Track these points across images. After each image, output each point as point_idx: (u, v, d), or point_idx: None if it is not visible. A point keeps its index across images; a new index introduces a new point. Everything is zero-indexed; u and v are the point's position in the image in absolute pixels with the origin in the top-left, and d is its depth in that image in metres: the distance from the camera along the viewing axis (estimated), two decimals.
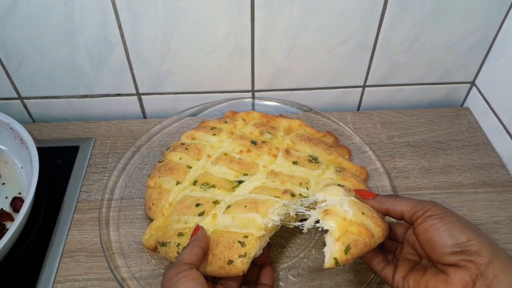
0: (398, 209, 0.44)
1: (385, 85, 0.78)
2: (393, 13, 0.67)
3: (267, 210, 0.48)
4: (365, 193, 0.47)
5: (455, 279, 0.38)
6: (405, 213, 0.43)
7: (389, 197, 0.45)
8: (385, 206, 0.45)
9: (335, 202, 0.46)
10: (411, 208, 0.42)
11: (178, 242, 0.50)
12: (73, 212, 0.61)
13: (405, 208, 0.43)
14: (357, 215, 0.44)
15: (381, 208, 0.45)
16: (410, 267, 0.44)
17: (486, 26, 0.70)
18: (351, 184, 0.56)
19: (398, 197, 0.45)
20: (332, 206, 0.45)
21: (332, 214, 0.44)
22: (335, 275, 0.53)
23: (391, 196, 0.45)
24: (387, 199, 0.45)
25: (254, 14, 0.65)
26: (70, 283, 0.53)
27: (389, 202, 0.45)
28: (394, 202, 0.44)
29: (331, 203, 0.46)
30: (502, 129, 0.71)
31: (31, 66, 0.70)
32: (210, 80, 0.75)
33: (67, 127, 0.75)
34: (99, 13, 0.64)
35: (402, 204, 0.43)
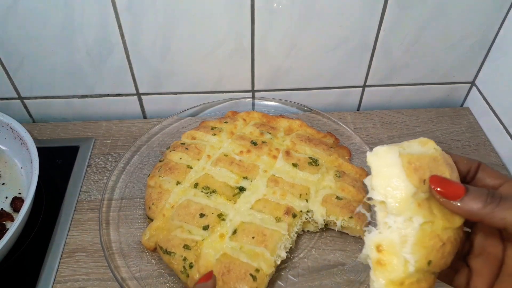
0: (501, 223, 0.28)
1: (385, 85, 0.78)
2: (393, 13, 0.67)
3: (275, 245, 0.51)
4: (449, 189, 0.29)
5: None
6: (511, 226, 0.28)
7: (488, 198, 0.28)
8: (479, 215, 0.28)
9: (393, 236, 0.30)
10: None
11: (184, 256, 0.51)
12: (73, 212, 0.61)
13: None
14: (421, 267, 0.29)
15: (471, 217, 0.29)
16: (492, 272, 0.32)
17: (486, 26, 0.70)
18: (349, 194, 0.57)
19: (501, 201, 0.28)
20: (388, 243, 0.30)
21: (385, 265, 0.30)
22: (335, 275, 0.53)
23: (490, 198, 0.28)
24: (484, 204, 0.28)
25: (254, 14, 0.65)
26: (70, 283, 0.53)
27: (487, 210, 0.28)
28: (496, 212, 0.28)
29: (388, 236, 0.30)
30: (502, 129, 0.71)
31: (31, 66, 0.70)
32: (210, 80, 0.75)
33: (67, 127, 0.75)
34: (99, 14, 0.64)
35: (509, 215, 0.28)
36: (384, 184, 0.29)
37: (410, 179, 0.29)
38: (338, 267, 0.54)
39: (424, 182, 0.30)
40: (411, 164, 0.30)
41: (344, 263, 0.54)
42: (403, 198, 0.29)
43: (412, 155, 0.30)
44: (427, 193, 0.30)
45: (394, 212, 0.29)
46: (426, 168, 0.30)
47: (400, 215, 0.29)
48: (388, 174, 0.30)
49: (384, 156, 0.30)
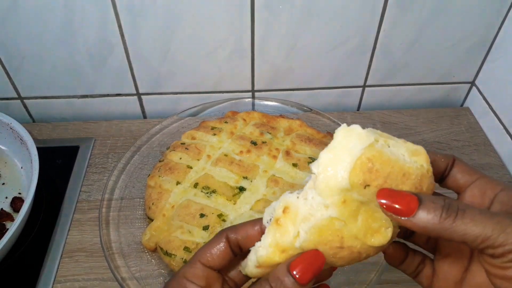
0: (459, 238, 0.25)
1: (385, 85, 0.78)
2: (393, 13, 0.67)
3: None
4: (398, 205, 0.26)
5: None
6: (471, 243, 0.25)
7: (443, 212, 0.25)
8: (435, 231, 0.25)
9: (302, 207, 0.29)
10: (484, 238, 0.25)
11: (185, 258, 0.51)
12: (73, 212, 0.61)
13: (473, 237, 0.25)
14: (306, 248, 0.28)
15: (427, 233, 0.26)
16: (454, 278, 0.30)
17: (486, 26, 0.70)
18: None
19: (458, 215, 0.25)
20: (295, 211, 0.29)
21: (280, 227, 0.29)
22: (335, 275, 0.53)
23: (446, 212, 0.25)
24: (439, 220, 0.25)
25: (254, 14, 0.65)
26: (70, 283, 0.53)
27: (444, 225, 0.25)
28: (453, 227, 0.25)
29: (299, 204, 0.29)
30: (502, 129, 0.71)
31: (31, 66, 0.70)
32: (210, 80, 0.75)
33: (67, 127, 0.75)
34: (99, 13, 0.64)
35: (468, 230, 0.25)
36: (328, 161, 0.27)
37: (352, 176, 0.26)
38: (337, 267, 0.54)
39: (366, 187, 0.26)
40: (369, 163, 0.26)
41: None
42: (331, 186, 0.27)
43: (382, 155, 0.27)
44: (365, 199, 0.27)
45: (317, 191, 0.27)
46: (383, 176, 0.26)
47: (320, 196, 0.27)
48: (338, 156, 0.27)
49: (351, 138, 0.27)
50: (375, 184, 0.27)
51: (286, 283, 0.27)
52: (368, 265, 0.53)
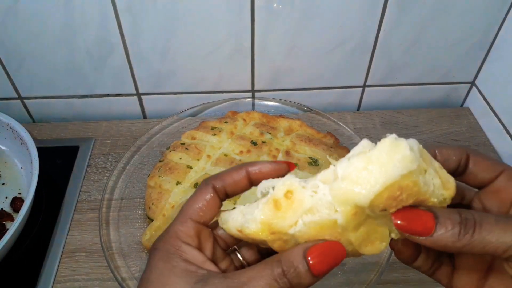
0: (480, 252, 0.25)
1: (385, 85, 0.78)
2: (393, 13, 0.67)
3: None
4: (414, 227, 0.25)
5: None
6: (493, 254, 0.25)
7: (461, 229, 0.25)
8: (454, 248, 0.25)
9: (308, 199, 0.27)
10: (505, 248, 0.24)
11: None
12: (73, 212, 0.61)
13: (494, 249, 0.24)
14: (300, 239, 0.27)
15: (446, 250, 0.25)
16: (479, 273, 0.29)
17: (486, 26, 0.70)
18: None
19: (476, 230, 0.24)
20: (299, 199, 0.27)
21: (278, 210, 0.27)
22: (335, 276, 0.53)
23: (464, 228, 0.25)
24: (458, 238, 0.24)
25: (254, 14, 0.65)
26: (70, 283, 0.53)
27: (462, 242, 0.24)
28: (472, 243, 0.24)
29: (306, 195, 0.27)
30: (502, 129, 0.71)
31: (31, 66, 0.70)
32: (210, 80, 0.75)
33: (67, 127, 0.75)
34: (99, 13, 0.64)
35: (488, 243, 0.24)
36: (358, 172, 0.25)
37: (375, 198, 0.24)
38: (337, 267, 0.54)
39: (382, 211, 0.25)
40: (397, 192, 0.24)
41: (344, 263, 0.54)
42: (349, 199, 0.25)
43: (414, 187, 0.24)
44: (375, 215, 0.26)
45: (332, 194, 0.25)
46: (403, 205, 0.25)
47: (332, 197, 0.25)
48: (372, 172, 0.24)
49: (394, 157, 0.24)
50: (392, 210, 0.25)
51: (299, 269, 0.25)
52: (368, 265, 0.53)
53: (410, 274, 0.54)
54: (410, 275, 0.54)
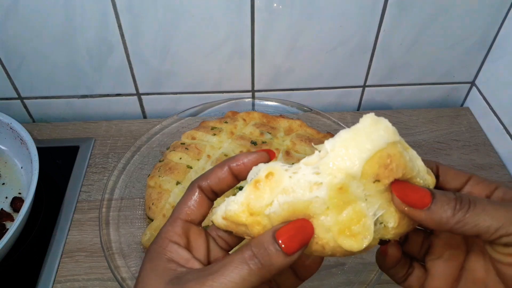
0: (472, 230, 0.25)
1: (385, 85, 0.78)
2: (393, 13, 0.67)
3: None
4: (413, 196, 0.26)
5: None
6: (484, 234, 0.25)
7: (457, 204, 0.26)
8: (448, 224, 0.25)
9: (287, 179, 0.27)
10: (497, 227, 0.25)
11: None
12: (73, 212, 0.61)
13: (486, 228, 0.25)
14: (275, 221, 0.27)
15: (440, 227, 0.26)
16: (452, 277, 0.30)
17: (486, 26, 0.70)
18: None
19: (470, 207, 0.25)
20: (278, 179, 0.27)
21: (257, 191, 0.28)
22: (335, 276, 0.53)
23: (459, 204, 0.26)
24: (453, 213, 0.25)
25: (254, 14, 0.65)
26: (70, 283, 0.53)
27: (457, 218, 0.25)
28: (466, 219, 0.25)
29: (284, 175, 0.27)
30: (502, 129, 0.71)
31: (31, 66, 0.70)
32: (210, 80, 0.75)
33: (67, 127, 0.75)
34: (99, 13, 0.64)
35: (481, 220, 0.25)
36: (347, 141, 0.25)
37: (367, 165, 0.25)
38: (337, 267, 0.54)
39: (375, 182, 0.25)
40: (387, 159, 0.25)
41: (344, 263, 0.54)
42: (339, 166, 0.25)
43: (401, 158, 0.25)
44: (362, 196, 0.26)
45: (321, 166, 0.25)
46: (394, 178, 0.25)
47: (318, 173, 0.25)
48: (360, 140, 0.25)
49: (378, 127, 0.26)
50: (384, 182, 0.25)
51: (270, 251, 0.25)
52: (369, 265, 0.53)
53: None
54: None
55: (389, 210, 0.26)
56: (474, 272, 0.29)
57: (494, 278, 0.28)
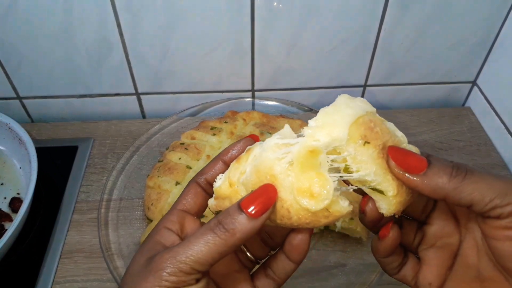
0: (467, 198, 0.25)
1: (386, 85, 0.78)
2: (394, 13, 0.66)
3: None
4: (410, 161, 0.26)
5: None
6: (478, 203, 0.25)
7: (453, 171, 0.26)
8: (444, 190, 0.25)
9: (257, 150, 0.28)
10: (492, 197, 0.25)
11: None
12: (72, 213, 0.61)
13: (481, 196, 0.25)
14: (247, 190, 0.28)
15: (435, 194, 0.26)
16: (445, 264, 0.30)
17: (487, 26, 0.70)
18: (350, 196, 0.56)
19: (467, 174, 0.26)
20: (252, 150, 0.29)
21: (238, 161, 0.29)
22: (336, 277, 0.53)
23: (456, 170, 0.26)
24: (449, 177, 0.25)
25: (254, 13, 0.65)
26: (69, 284, 0.53)
27: (453, 184, 0.25)
28: (462, 186, 0.25)
29: (259, 146, 0.29)
30: (504, 129, 0.70)
31: (30, 66, 0.70)
32: (210, 80, 0.75)
33: (66, 127, 0.75)
34: (98, 13, 0.63)
35: (477, 189, 0.25)
36: (327, 115, 0.27)
37: (352, 128, 0.26)
38: (338, 268, 0.54)
39: (365, 144, 0.26)
40: (371, 123, 0.26)
41: (344, 264, 0.54)
42: (325, 134, 0.26)
43: (383, 124, 0.27)
44: (330, 165, 0.26)
45: (307, 132, 0.26)
46: (382, 141, 0.26)
47: (307, 137, 0.26)
48: (341, 111, 0.26)
49: (355, 101, 0.27)
50: (375, 143, 0.26)
51: (234, 216, 0.25)
52: (370, 267, 0.52)
53: None
54: None
55: (386, 178, 0.26)
56: (466, 258, 0.29)
57: (486, 263, 0.28)
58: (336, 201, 0.26)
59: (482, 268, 0.29)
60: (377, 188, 0.26)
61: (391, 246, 0.30)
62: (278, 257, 0.32)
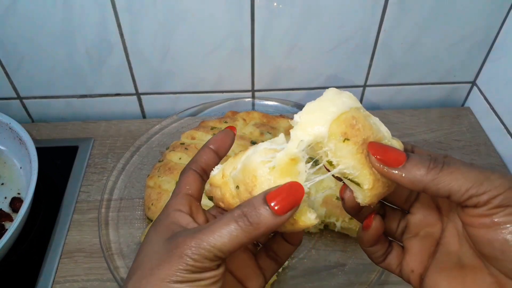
0: (445, 189, 0.26)
1: (385, 85, 0.78)
2: (393, 13, 0.66)
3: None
4: (389, 155, 0.27)
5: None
6: (456, 193, 0.26)
7: (431, 163, 0.27)
8: (422, 182, 0.27)
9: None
10: (468, 187, 0.26)
11: None
12: (72, 213, 0.61)
13: (458, 187, 0.26)
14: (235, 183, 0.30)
15: (414, 185, 0.27)
16: (427, 252, 0.31)
17: (487, 26, 0.70)
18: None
19: (444, 166, 0.27)
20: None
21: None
22: (336, 276, 0.53)
23: (433, 163, 0.27)
24: (427, 169, 0.26)
25: (254, 13, 0.65)
26: (69, 283, 0.53)
27: (430, 176, 0.26)
28: (440, 177, 0.26)
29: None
30: (503, 129, 0.70)
31: (30, 66, 0.70)
32: (210, 80, 0.75)
33: (66, 127, 0.75)
34: (98, 13, 0.64)
35: (453, 180, 0.26)
36: (312, 109, 0.28)
37: (333, 125, 0.27)
38: (338, 267, 0.54)
39: (345, 141, 0.27)
40: (353, 120, 0.27)
41: (344, 264, 0.54)
42: (307, 132, 0.27)
43: (366, 121, 0.28)
44: (309, 176, 0.28)
45: (292, 135, 0.28)
46: (363, 138, 0.27)
47: (293, 135, 0.27)
48: (325, 107, 0.28)
49: (341, 96, 0.28)
50: (355, 140, 0.27)
51: (260, 210, 0.26)
52: (369, 266, 0.53)
53: None
54: None
55: (363, 173, 0.28)
56: (448, 246, 0.31)
57: (467, 251, 0.29)
58: (304, 212, 0.28)
59: (463, 255, 0.30)
60: (354, 180, 0.28)
61: (374, 236, 0.32)
62: (278, 240, 0.34)
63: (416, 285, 0.31)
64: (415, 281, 0.31)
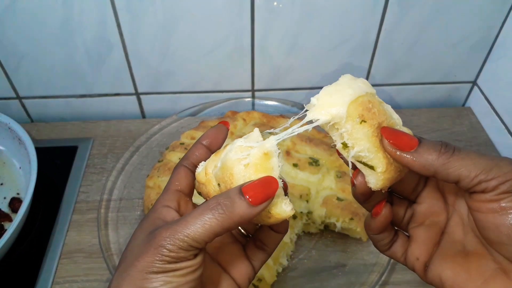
0: (455, 174, 0.27)
1: (386, 85, 0.78)
2: (394, 12, 0.66)
3: (279, 254, 0.51)
4: (402, 140, 0.28)
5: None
6: (465, 178, 0.27)
7: (442, 148, 0.28)
8: (433, 166, 0.27)
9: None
10: (478, 172, 0.27)
11: None
12: (72, 213, 0.61)
13: (468, 172, 0.27)
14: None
15: (425, 169, 0.28)
16: (432, 241, 0.32)
17: (487, 26, 0.70)
18: (350, 196, 0.56)
19: (455, 151, 0.28)
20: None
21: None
22: (336, 277, 0.53)
23: (444, 148, 0.28)
24: (438, 154, 0.27)
25: (254, 13, 0.65)
26: (69, 284, 0.53)
27: (441, 160, 0.27)
28: (450, 162, 0.27)
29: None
30: (504, 129, 0.70)
31: (30, 66, 0.70)
32: (209, 80, 0.75)
33: (65, 127, 0.74)
34: (98, 13, 0.63)
35: (463, 165, 0.27)
36: (329, 92, 0.29)
37: (351, 106, 0.28)
38: (338, 268, 0.53)
39: (362, 122, 0.28)
40: (369, 104, 0.28)
41: (344, 264, 0.54)
42: (326, 112, 0.28)
43: (381, 106, 0.29)
44: (281, 172, 0.29)
45: (310, 115, 0.29)
46: (378, 122, 0.28)
47: (311, 116, 0.29)
48: (341, 90, 0.29)
49: (356, 81, 0.29)
50: (371, 123, 0.28)
51: (234, 200, 0.27)
52: (370, 267, 0.52)
53: (410, 275, 0.54)
54: (410, 276, 0.53)
55: (377, 156, 0.28)
56: (453, 234, 0.32)
57: (471, 238, 0.30)
58: (278, 204, 0.28)
59: (467, 243, 0.31)
60: (368, 163, 0.29)
61: (382, 224, 0.32)
62: (264, 229, 0.34)
63: (421, 273, 0.32)
64: (419, 269, 0.32)
